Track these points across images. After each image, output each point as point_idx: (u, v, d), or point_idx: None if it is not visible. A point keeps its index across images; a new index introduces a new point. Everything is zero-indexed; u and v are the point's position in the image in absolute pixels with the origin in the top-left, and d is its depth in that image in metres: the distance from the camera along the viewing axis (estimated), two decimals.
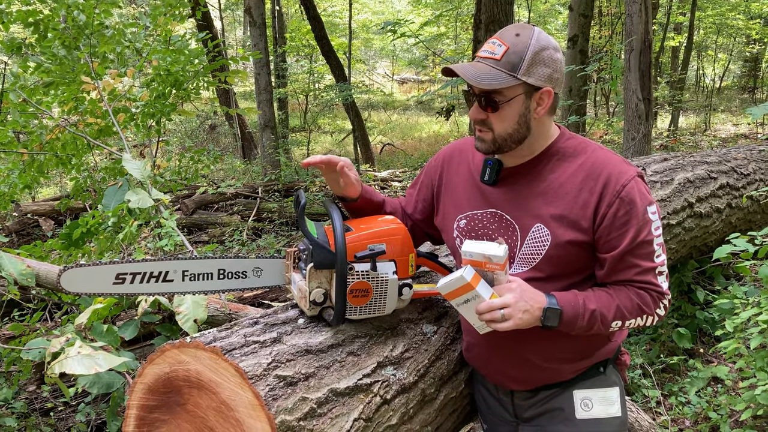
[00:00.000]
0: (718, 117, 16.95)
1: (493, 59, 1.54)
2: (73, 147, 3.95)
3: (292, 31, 16.81)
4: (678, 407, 3.51)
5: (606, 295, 1.61)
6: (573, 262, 1.63)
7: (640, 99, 6.00)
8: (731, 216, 4.09)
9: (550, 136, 1.67)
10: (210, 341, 1.61)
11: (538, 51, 1.53)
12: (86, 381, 2.43)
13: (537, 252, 1.63)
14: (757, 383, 2.86)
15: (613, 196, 1.55)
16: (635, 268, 1.59)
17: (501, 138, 1.60)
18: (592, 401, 1.73)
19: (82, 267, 1.66)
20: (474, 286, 1.52)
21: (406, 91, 26.38)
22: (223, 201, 8.33)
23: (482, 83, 1.52)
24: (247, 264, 1.83)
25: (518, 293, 1.54)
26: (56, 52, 3.64)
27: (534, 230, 1.63)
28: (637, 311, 1.61)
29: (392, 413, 1.71)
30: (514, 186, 1.69)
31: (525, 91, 1.56)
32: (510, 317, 1.52)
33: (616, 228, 1.56)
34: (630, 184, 1.56)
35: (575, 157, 1.64)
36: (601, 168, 1.59)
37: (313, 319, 1.77)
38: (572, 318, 1.57)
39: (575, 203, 1.59)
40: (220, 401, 1.55)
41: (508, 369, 1.76)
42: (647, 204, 1.58)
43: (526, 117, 1.58)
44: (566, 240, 1.59)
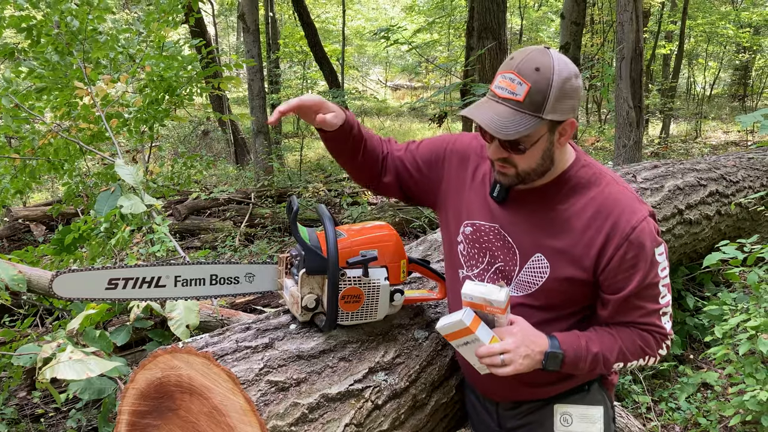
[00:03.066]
0: (708, 124, 17.07)
1: (514, 101, 1.41)
2: (65, 152, 3.95)
3: (285, 37, 16.84)
4: (668, 413, 3.52)
5: (609, 336, 1.58)
6: (569, 296, 1.60)
7: (631, 106, 6.04)
8: (721, 223, 4.13)
9: (566, 162, 1.59)
10: (202, 346, 1.61)
11: (562, 84, 1.41)
12: (77, 386, 2.43)
13: (534, 281, 1.60)
14: (745, 389, 2.88)
15: (622, 239, 1.49)
16: (640, 309, 1.56)
17: (525, 173, 1.53)
18: (571, 417, 1.72)
19: (74, 272, 1.66)
20: (473, 330, 1.49)
21: (400, 98, 26.43)
22: (216, 206, 8.32)
23: (509, 134, 1.41)
24: (239, 270, 1.84)
25: (519, 337, 1.50)
26: (49, 57, 3.65)
27: (534, 259, 1.59)
28: (640, 353, 1.59)
29: (383, 419, 1.72)
30: (521, 209, 1.62)
31: (549, 128, 1.47)
32: (510, 363, 1.49)
33: (623, 270, 1.51)
34: (640, 225, 1.50)
35: (587, 189, 1.57)
36: (612, 206, 1.53)
37: (305, 324, 1.77)
38: (574, 361, 1.54)
39: (580, 240, 1.54)
40: (212, 406, 1.55)
41: (493, 384, 1.74)
42: (656, 246, 1.53)
43: (550, 151, 1.51)
44: (565, 276, 1.55)
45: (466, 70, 10.59)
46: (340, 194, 8.86)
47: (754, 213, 4.40)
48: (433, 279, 2.02)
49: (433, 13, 19.23)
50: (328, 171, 11.97)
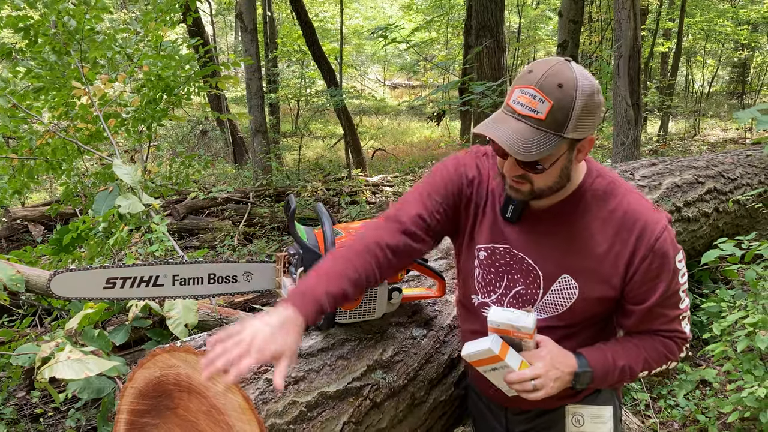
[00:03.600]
0: (707, 122, 17.08)
1: (535, 119, 1.32)
2: (63, 152, 3.95)
3: (283, 36, 16.82)
4: (667, 410, 3.53)
5: (633, 347, 1.56)
6: (597, 313, 1.58)
7: (630, 104, 6.04)
8: (719, 220, 4.14)
9: (579, 175, 1.53)
10: (200, 345, 1.61)
11: (585, 102, 1.33)
12: (76, 386, 2.43)
13: (561, 303, 1.55)
14: (744, 386, 2.88)
15: (648, 250, 1.46)
16: (663, 317, 1.55)
17: (540, 190, 1.45)
18: (583, 417, 1.70)
19: (72, 271, 1.66)
20: (503, 358, 1.45)
21: (398, 96, 26.42)
22: (215, 206, 8.31)
23: (530, 155, 1.33)
24: (237, 268, 1.84)
25: (548, 361, 1.47)
26: (47, 57, 3.64)
27: (561, 281, 1.53)
28: (663, 360, 1.58)
29: (382, 416, 1.72)
30: (538, 229, 1.54)
31: (569, 145, 1.39)
32: (542, 387, 1.46)
33: (648, 281, 1.48)
34: (663, 235, 1.46)
35: (606, 201, 1.51)
36: (635, 219, 1.48)
37: None
38: (602, 377, 1.53)
39: (607, 257, 1.49)
40: (210, 405, 1.55)
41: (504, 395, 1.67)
42: (676, 253, 1.50)
43: (568, 169, 1.44)
44: (596, 296, 1.52)
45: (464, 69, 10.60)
46: (338, 193, 8.86)
47: (752, 210, 4.41)
48: (431, 277, 2.02)
49: (431, 11, 19.22)
50: (327, 170, 11.98)
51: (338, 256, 1.50)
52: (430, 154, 14.45)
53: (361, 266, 1.48)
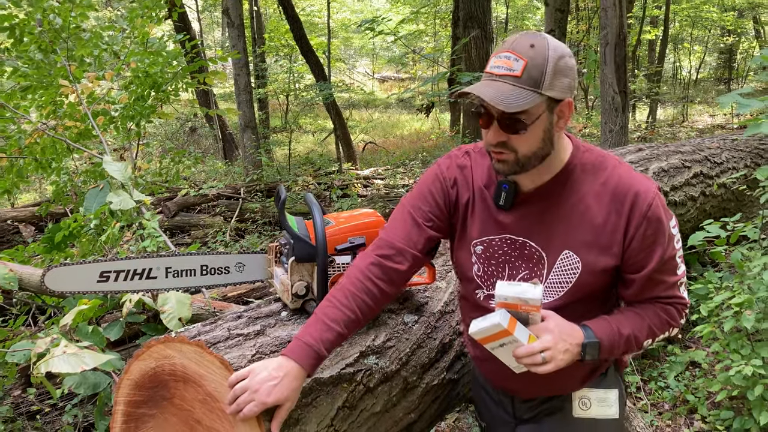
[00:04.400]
0: (695, 108, 17.17)
1: (512, 76, 1.39)
2: (52, 151, 3.94)
3: (270, 31, 16.77)
4: (657, 392, 3.58)
5: (636, 316, 1.58)
6: (600, 286, 1.58)
7: (617, 92, 6.08)
8: (705, 204, 4.18)
9: (566, 150, 1.56)
10: (194, 335, 1.64)
11: (557, 60, 1.40)
12: (72, 381, 2.44)
13: (567, 280, 1.55)
14: (731, 365, 2.93)
15: (642, 217, 1.49)
16: (662, 284, 1.56)
17: (525, 158, 1.47)
18: (590, 401, 1.71)
19: (66, 266, 1.68)
20: (512, 332, 1.44)
21: (387, 89, 26.42)
22: (206, 203, 8.31)
23: (510, 106, 1.37)
24: (229, 259, 1.87)
25: (556, 333, 1.47)
26: (33, 56, 3.63)
27: (563, 258, 1.54)
28: (666, 326, 1.59)
29: (376, 401, 1.75)
30: (533, 210, 1.57)
31: (548, 106, 1.43)
32: (551, 359, 1.45)
33: (645, 248, 1.51)
34: (655, 201, 1.50)
35: (596, 174, 1.54)
36: (627, 188, 1.51)
37: (296, 311, 1.80)
38: (609, 347, 1.53)
39: (605, 228, 1.51)
40: (206, 393, 1.58)
41: (515, 382, 1.69)
42: (669, 219, 1.54)
43: (550, 132, 1.47)
44: (600, 268, 1.53)
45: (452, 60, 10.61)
46: (330, 187, 8.88)
47: (739, 193, 4.46)
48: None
49: (418, 3, 19.20)
50: (318, 164, 11.98)
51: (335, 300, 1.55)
52: (421, 146, 14.47)
53: (357, 307, 1.55)
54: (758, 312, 2.94)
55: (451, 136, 14.58)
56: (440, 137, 15.35)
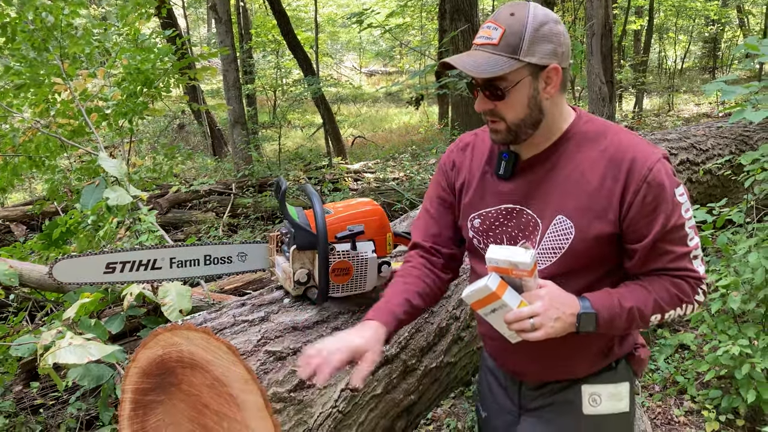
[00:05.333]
0: (680, 97, 17.32)
1: (490, 45, 1.42)
2: (45, 149, 3.96)
3: (257, 26, 16.73)
4: (648, 374, 3.66)
5: (641, 289, 1.49)
6: (597, 255, 1.51)
7: (603, 82, 6.15)
8: (692, 190, 4.27)
9: (566, 120, 1.54)
10: (201, 322, 1.69)
11: (538, 27, 1.41)
12: (76, 374, 2.48)
13: (559, 246, 1.51)
14: (719, 345, 3.02)
15: (640, 182, 1.43)
16: (669, 254, 1.47)
17: (515, 125, 1.48)
18: (600, 397, 1.64)
19: (73, 258, 1.72)
20: (500, 296, 1.41)
21: (375, 83, 26.42)
22: (197, 199, 8.32)
23: (483, 72, 1.41)
24: (231, 249, 1.92)
25: (548, 300, 1.41)
26: (26, 54, 3.65)
27: (556, 223, 1.51)
28: (676, 302, 1.49)
29: (377, 383, 1.81)
30: (532, 178, 1.55)
31: (531, 72, 1.43)
32: (541, 326, 1.40)
33: (645, 215, 1.44)
34: (656, 166, 1.43)
35: (596, 142, 1.51)
36: (625, 152, 1.46)
37: (298, 298, 1.85)
38: (609, 320, 1.45)
39: (599, 192, 1.47)
40: (214, 378, 1.63)
41: (522, 362, 1.68)
42: (675, 186, 1.45)
43: (536, 99, 1.46)
44: (593, 234, 1.47)
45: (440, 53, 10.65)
46: (321, 181, 8.91)
47: (724, 179, 4.54)
48: None
49: None
50: (308, 159, 12.00)
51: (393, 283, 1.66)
52: (410, 139, 14.51)
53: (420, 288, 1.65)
54: (744, 293, 3.03)
55: (439, 129, 14.63)
56: (429, 130, 15.39)
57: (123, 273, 1.77)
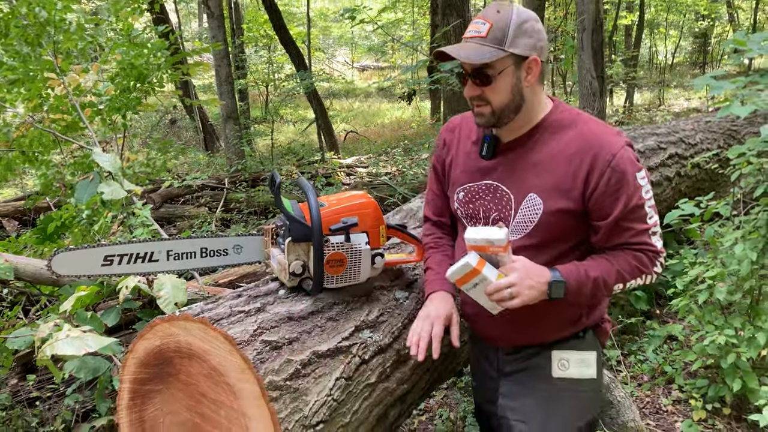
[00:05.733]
0: (671, 92, 17.41)
1: (479, 37, 1.64)
2: (39, 143, 3.97)
3: (249, 21, 16.69)
4: (637, 365, 3.72)
5: (605, 261, 1.69)
6: (564, 229, 1.72)
7: (594, 77, 6.20)
8: (680, 184, 4.33)
9: (543, 109, 1.76)
10: (198, 313, 1.72)
11: (520, 24, 1.63)
12: (73, 366, 2.51)
13: (530, 220, 1.72)
14: (705, 336, 3.07)
15: (604, 166, 1.63)
16: (630, 231, 1.67)
17: (499, 109, 1.69)
18: (569, 362, 1.83)
19: (71, 251, 1.75)
20: (480, 270, 1.60)
21: (367, 78, 26.40)
22: (190, 194, 8.32)
23: (473, 60, 1.62)
24: (227, 242, 1.95)
25: (523, 272, 1.62)
26: (19, 49, 3.65)
27: (527, 200, 1.72)
28: (636, 272, 1.70)
29: (371, 372, 1.85)
30: (510, 159, 1.77)
31: (514, 61, 1.65)
32: (517, 294, 1.61)
33: (608, 195, 1.64)
34: (620, 153, 1.64)
35: (568, 129, 1.72)
36: (592, 140, 1.67)
37: (293, 290, 1.89)
38: (576, 288, 1.65)
39: (566, 174, 1.67)
40: (211, 367, 1.66)
41: (495, 327, 1.86)
42: (636, 171, 1.66)
43: (518, 86, 1.67)
44: (557, 208, 1.68)
45: (432, 48, 10.67)
46: (313, 176, 8.93)
47: (713, 173, 4.60)
48: (411, 243, 2.15)
49: None
50: (300, 154, 12.01)
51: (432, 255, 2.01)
52: (402, 134, 14.53)
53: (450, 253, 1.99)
54: (731, 285, 3.08)
55: (431, 124, 14.66)
56: (421, 125, 15.42)
57: (120, 265, 1.80)
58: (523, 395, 1.86)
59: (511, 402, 1.87)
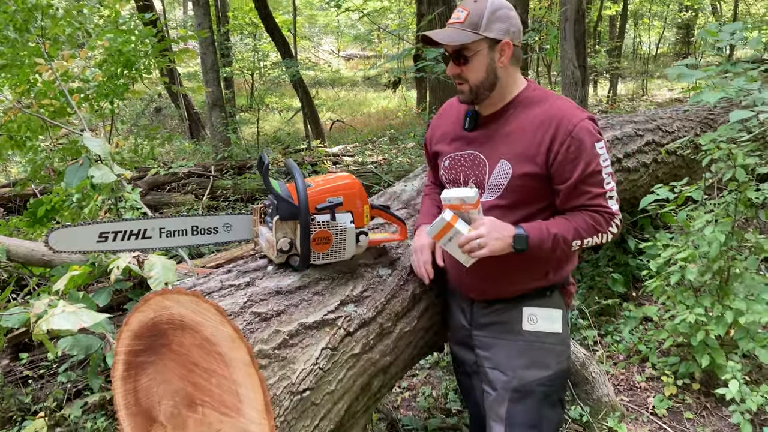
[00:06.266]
0: (654, 83, 17.61)
1: (458, 23, 1.88)
2: (26, 128, 4.01)
3: (234, 9, 16.64)
4: (613, 345, 3.85)
5: (564, 220, 1.90)
6: (531, 191, 1.93)
7: (576, 66, 6.31)
8: (657, 170, 4.45)
9: (518, 87, 1.99)
10: (190, 287, 1.80)
11: (494, 11, 1.87)
12: (66, 344, 2.58)
13: (501, 183, 1.94)
14: (677, 314, 3.20)
15: (565, 135, 1.84)
16: (587, 194, 1.87)
17: (476, 86, 1.93)
18: (536, 317, 2.04)
19: (68, 227, 1.82)
20: (453, 224, 1.82)
21: (353, 67, 26.39)
22: (176, 181, 8.35)
23: (452, 42, 1.87)
24: (217, 221, 2.03)
25: (490, 225, 1.84)
26: (8, 34, 3.68)
27: (499, 165, 1.94)
28: (592, 231, 1.89)
29: (355, 343, 1.95)
30: (488, 131, 2.01)
31: (488, 44, 1.89)
32: (485, 245, 1.82)
33: (568, 162, 1.85)
34: (580, 124, 1.85)
35: (538, 105, 1.94)
36: (556, 113, 1.89)
37: (281, 266, 1.98)
38: (538, 242, 1.86)
39: (532, 142, 1.89)
40: (203, 338, 1.74)
41: (468, 278, 2.08)
42: (595, 141, 1.86)
43: (492, 66, 1.91)
44: (524, 172, 1.90)
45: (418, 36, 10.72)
46: (300, 164, 8.99)
47: (690, 160, 4.73)
48: (394, 222, 2.24)
49: None
50: (286, 143, 12.05)
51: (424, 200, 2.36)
52: (388, 123, 14.60)
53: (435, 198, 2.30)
54: (701, 266, 3.22)
55: (417, 114, 14.74)
56: (407, 115, 15.49)
57: (115, 242, 1.87)
58: (496, 346, 2.07)
59: (484, 352, 2.10)
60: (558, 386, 2.06)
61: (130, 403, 1.93)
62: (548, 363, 2.02)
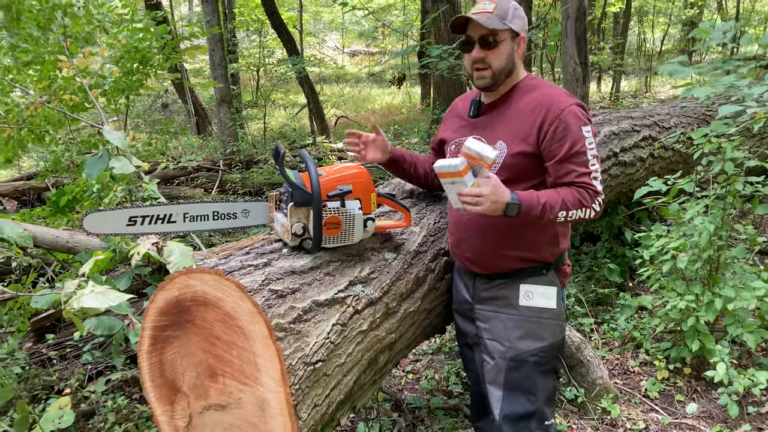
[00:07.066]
0: (658, 80, 17.69)
1: (487, 12, 2.11)
2: (47, 122, 4.18)
3: (240, 5, 16.78)
4: (609, 332, 4.01)
5: (554, 192, 2.07)
6: (524, 168, 2.14)
7: (578, 63, 6.44)
8: (654, 165, 4.59)
9: (519, 78, 2.25)
10: (213, 266, 1.96)
11: (515, 8, 2.17)
12: (91, 324, 2.75)
13: (498, 161, 2.16)
14: (669, 301, 3.35)
15: (554, 118, 2.07)
16: (573, 172, 2.07)
17: (498, 71, 2.16)
18: (533, 293, 2.23)
19: (100, 212, 1.99)
20: (463, 175, 1.95)
21: (357, 64, 26.51)
22: (185, 176, 8.53)
23: (489, 24, 2.08)
24: (236, 207, 2.19)
25: (492, 187, 1.97)
26: (31, 32, 3.85)
27: (497, 145, 2.16)
28: (578, 204, 2.06)
29: (363, 321, 2.11)
30: (489, 116, 2.26)
31: (511, 35, 2.15)
32: (481, 204, 1.96)
33: (556, 141, 2.07)
34: (568, 108, 2.08)
35: (532, 92, 2.18)
36: (547, 98, 2.12)
37: (295, 249, 2.14)
38: (528, 208, 2.01)
39: (526, 124, 2.12)
40: (224, 313, 1.91)
41: (472, 251, 2.27)
42: (582, 124, 2.08)
43: (512, 56, 2.18)
44: (517, 151, 2.12)
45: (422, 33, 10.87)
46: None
47: (686, 156, 4.87)
48: (399, 210, 2.40)
49: None
50: (292, 138, 12.20)
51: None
52: (392, 119, 14.74)
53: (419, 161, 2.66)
54: (692, 255, 3.37)
55: (421, 110, 14.87)
56: (411, 111, 15.64)
57: (143, 225, 2.04)
58: (495, 319, 2.26)
59: (484, 324, 2.30)
60: (551, 357, 2.24)
61: (155, 375, 2.10)
62: (543, 335, 2.21)
